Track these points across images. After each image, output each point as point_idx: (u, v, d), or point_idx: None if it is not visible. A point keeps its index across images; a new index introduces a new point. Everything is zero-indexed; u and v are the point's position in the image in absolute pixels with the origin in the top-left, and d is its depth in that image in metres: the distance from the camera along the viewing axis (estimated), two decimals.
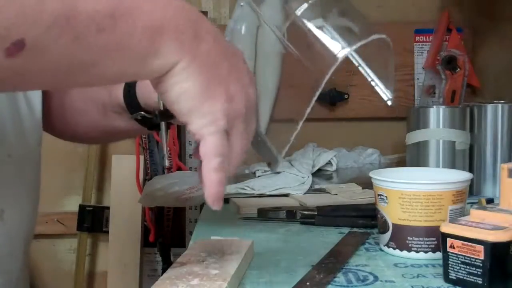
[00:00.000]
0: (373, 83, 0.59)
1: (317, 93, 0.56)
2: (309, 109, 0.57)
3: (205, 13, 1.49)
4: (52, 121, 0.83)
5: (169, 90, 0.48)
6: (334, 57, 0.55)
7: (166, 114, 0.67)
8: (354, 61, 0.59)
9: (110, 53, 0.44)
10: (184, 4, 0.48)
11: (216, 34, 0.50)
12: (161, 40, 0.45)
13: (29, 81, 0.45)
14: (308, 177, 1.14)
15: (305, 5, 0.56)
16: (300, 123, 0.58)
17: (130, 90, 0.74)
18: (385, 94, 0.60)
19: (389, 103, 0.60)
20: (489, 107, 1.02)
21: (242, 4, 0.62)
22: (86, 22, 0.41)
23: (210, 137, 0.49)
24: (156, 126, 0.76)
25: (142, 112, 0.74)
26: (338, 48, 0.55)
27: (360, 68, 0.58)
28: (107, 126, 0.81)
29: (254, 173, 1.25)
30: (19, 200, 0.73)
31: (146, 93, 0.72)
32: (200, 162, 0.51)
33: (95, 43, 0.42)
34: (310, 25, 0.56)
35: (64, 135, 0.88)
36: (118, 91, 0.75)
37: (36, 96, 0.76)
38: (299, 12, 0.56)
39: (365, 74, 0.58)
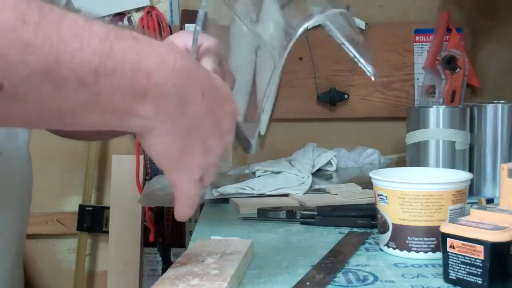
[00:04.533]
0: (355, 60, 0.60)
1: (280, 68, 0.57)
2: (273, 86, 0.58)
3: (205, 13, 1.49)
4: None
5: (147, 146, 0.49)
6: (294, 30, 0.56)
7: None
8: (337, 40, 0.60)
9: (89, 107, 0.43)
10: (177, 61, 0.46)
11: (206, 86, 0.49)
12: (141, 104, 0.45)
13: (7, 122, 0.45)
14: (308, 177, 1.14)
15: None
16: (264, 102, 0.59)
17: None
18: (367, 69, 0.61)
19: (373, 78, 0.61)
20: (489, 107, 1.02)
21: None
22: (68, 76, 0.40)
23: (184, 185, 0.52)
24: None
25: None
26: (298, 22, 0.56)
27: (343, 47, 0.59)
28: None
29: (254, 173, 1.25)
30: (11, 197, 0.74)
31: None
32: None
33: (75, 96, 0.42)
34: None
35: (61, 133, 0.88)
36: None
37: None
38: None
39: (349, 52, 0.60)
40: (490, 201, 0.90)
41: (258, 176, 1.20)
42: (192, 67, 0.48)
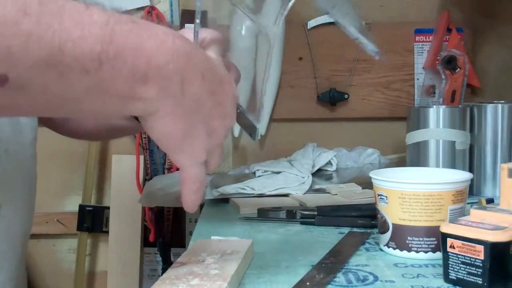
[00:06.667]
0: (357, 42, 0.60)
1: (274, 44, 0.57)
2: (270, 66, 0.58)
3: (205, 12, 1.49)
4: (53, 118, 0.83)
5: (150, 129, 0.49)
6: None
7: None
8: (338, 25, 0.60)
9: (92, 93, 0.43)
10: (176, 43, 0.47)
11: (205, 68, 0.50)
12: (144, 87, 0.45)
13: (13, 111, 0.45)
14: (308, 177, 1.14)
15: None
16: (266, 81, 0.59)
17: None
18: (372, 49, 0.60)
19: (377, 57, 0.61)
20: (489, 107, 1.02)
21: None
22: (71, 64, 0.41)
23: (190, 169, 0.52)
24: None
25: None
26: None
27: (345, 31, 0.59)
28: (111, 124, 0.82)
29: (254, 173, 1.25)
30: (17, 195, 0.74)
31: None
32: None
33: (78, 83, 0.42)
34: None
35: (67, 132, 0.88)
36: None
37: None
38: None
39: (350, 35, 0.59)
40: (490, 201, 0.90)
41: (258, 176, 1.20)
42: (190, 49, 0.48)
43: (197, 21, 0.61)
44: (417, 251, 0.65)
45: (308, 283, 0.57)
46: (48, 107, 0.45)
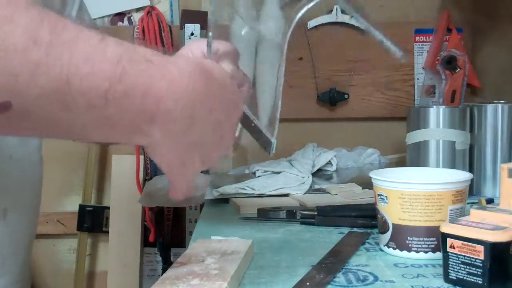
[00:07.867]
0: (382, 45, 0.61)
1: (284, 61, 0.58)
2: (283, 67, 0.58)
3: (205, 13, 1.49)
4: None
5: (151, 155, 0.50)
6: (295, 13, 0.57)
7: None
8: (360, 26, 0.60)
9: (97, 126, 0.43)
10: (192, 79, 0.46)
11: (216, 99, 0.50)
12: (150, 126, 0.45)
13: (16, 133, 0.46)
14: (308, 177, 1.14)
15: None
16: (278, 100, 0.60)
17: None
18: (395, 51, 0.61)
19: (403, 59, 0.62)
20: (489, 107, 1.02)
21: None
22: (77, 98, 0.40)
23: (180, 184, 0.55)
24: None
25: None
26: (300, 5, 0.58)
27: (369, 32, 0.59)
28: None
29: (254, 173, 1.25)
30: (22, 200, 0.74)
31: None
32: None
33: (84, 116, 0.42)
34: None
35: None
36: None
37: None
38: None
39: (375, 36, 0.60)
40: (490, 201, 0.90)
41: (258, 176, 1.20)
42: (204, 82, 0.48)
43: (210, 34, 0.62)
44: (417, 251, 0.65)
45: (308, 283, 0.57)
46: (53, 134, 0.45)
